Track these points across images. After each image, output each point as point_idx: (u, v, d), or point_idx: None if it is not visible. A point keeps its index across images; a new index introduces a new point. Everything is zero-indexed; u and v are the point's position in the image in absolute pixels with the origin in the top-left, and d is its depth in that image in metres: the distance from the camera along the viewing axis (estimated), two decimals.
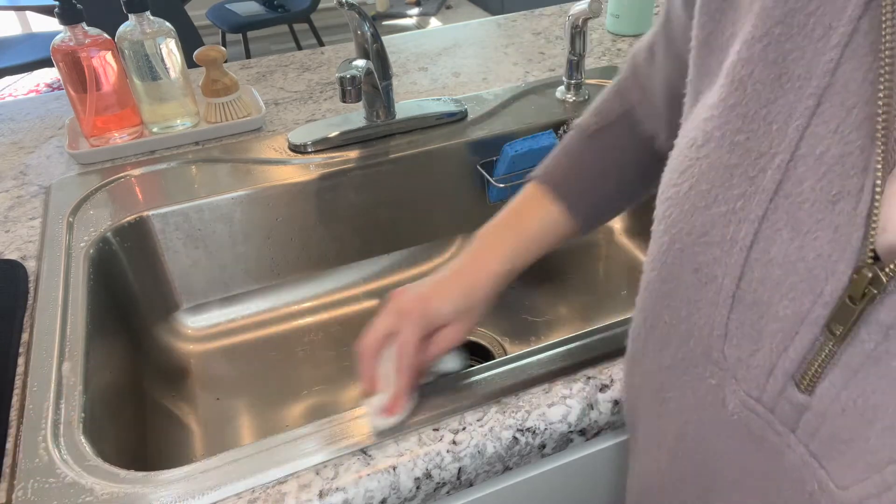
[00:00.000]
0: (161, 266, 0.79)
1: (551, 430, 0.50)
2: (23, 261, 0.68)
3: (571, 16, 0.85)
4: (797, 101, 0.27)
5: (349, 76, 0.71)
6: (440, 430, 0.49)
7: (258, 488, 0.46)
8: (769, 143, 0.28)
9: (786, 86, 0.28)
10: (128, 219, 0.75)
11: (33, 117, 0.98)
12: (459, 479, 0.49)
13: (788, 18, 0.28)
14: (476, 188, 0.91)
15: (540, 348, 0.56)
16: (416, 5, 4.11)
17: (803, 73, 0.27)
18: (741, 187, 0.30)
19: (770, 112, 0.28)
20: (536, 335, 0.85)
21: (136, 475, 0.47)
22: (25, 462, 0.48)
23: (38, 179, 0.83)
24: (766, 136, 0.29)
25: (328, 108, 0.95)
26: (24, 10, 3.04)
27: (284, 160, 0.84)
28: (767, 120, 0.29)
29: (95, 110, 0.82)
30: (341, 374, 0.80)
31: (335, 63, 1.10)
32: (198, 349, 0.82)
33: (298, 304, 0.87)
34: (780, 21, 0.28)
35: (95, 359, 0.60)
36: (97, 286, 0.68)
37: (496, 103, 0.94)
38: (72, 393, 0.54)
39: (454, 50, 1.13)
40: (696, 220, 0.32)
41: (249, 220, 0.81)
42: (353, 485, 0.46)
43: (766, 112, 0.29)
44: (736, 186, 0.30)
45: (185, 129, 0.87)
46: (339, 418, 0.51)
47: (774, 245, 0.28)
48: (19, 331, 0.60)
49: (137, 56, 0.80)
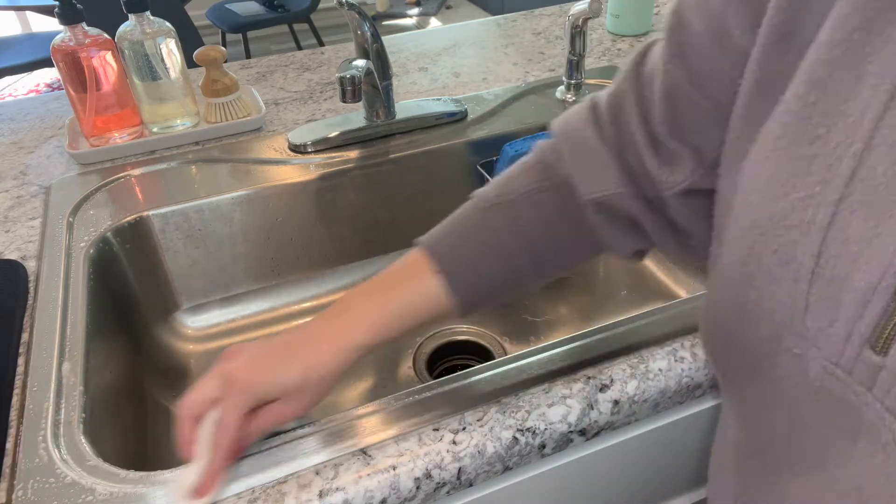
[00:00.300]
0: (161, 266, 0.79)
1: (551, 430, 0.50)
2: (23, 261, 0.68)
3: (571, 16, 0.85)
4: (873, 96, 0.30)
5: (349, 76, 0.71)
6: (440, 430, 0.49)
7: (258, 488, 0.46)
8: (846, 134, 0.31)
9: (863, 84, 0.31)
10: (128, 219, 0.75)
11: (33, 117, 0.98)
12: (459, 479, 0.49)
13: (867, 25, 0.31)
14: (476, 188, 0.91)
15: (540, 348, 0.56)
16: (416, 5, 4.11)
17: (879, 71, 0.30)
18: (819, 174, 0.32)
19: (848, 107, 0.31)
20: (536, 335, 0.85)
21: (136, 475, 0.47)
22: (25, 462, 0.48)
23: (38, 179, 0.83)
24: (843, 129, 0.32)
25: (328, 108, 0.95)
26: (24, 10, 3.04)
27: (284, 160, 0.84)
28: (846, 114, 0.31)
29: (95, 110, 0.82)
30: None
31: (335, 63, 1.10)
32: (198, 349, 0.82)
33: (298, 304, 0.87)
34: (859, 27, 0.31)
35: (95, 359, 0.60)
36: (97, 286, 0.68)
37: (496, 103, 0.94)
38: (72, 393, 0.54)
39: (454, 50, 1.13)
40: (775, 207, 0.35)
41: (249, 220, 0.81)
42: (353, 485, 0.46)
43: (844, 107, 0.32)
44: (814, 174, 0.32)
45: (185, 129, 0.87)
46: (339, 418, 0.51)
47: (850, 225, 0.31)
48: (19, 331, 0.60)
49: (137, 56, 0.80)
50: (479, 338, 0.85)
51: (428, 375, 0.81)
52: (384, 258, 0.90)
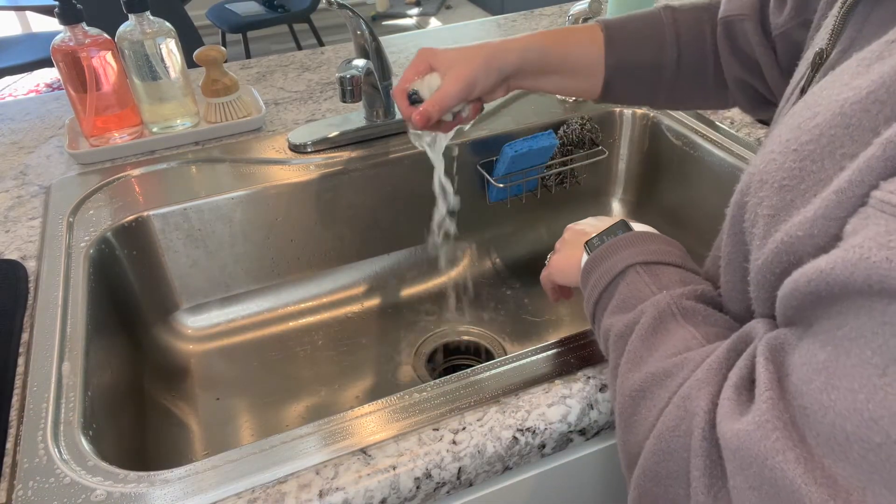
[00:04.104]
0: (161, 266, 0.79)
1: (551, 429, 0.50)
2: (23, 261, 0.68)
3: (571, 16, 0.85)
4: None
5: (349, 76, 0.71)
6: (440, 430, 0.49)
7: (258, 488, 0.46)
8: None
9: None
10: (128, 219, 0.75)
11: (33, 117, 0.98)
12: (459, 478, 0.49)
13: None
14: (476, 188, 0.91)
15: (540, 348, 0.56)
16: (416, 5, 4.11)
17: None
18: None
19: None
20: (536, 335, 0.85)
21: (136, 475, 0.47)
22: (25, 462, 0.48)
23: (38, 179, 0.83)
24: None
25: (328, 108, 0.95)
26: (24, 10, 3.04)
27: (284, 160, 0.84)
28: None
29: (95, 110, 0.82)
30: (341, 374, 0.80)
31: (335, 63, 1.10)
32: (198, 349, 0.82)
33: (298, 304, 0.87)
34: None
35: (95, 359, 0.60)
36: (97, 286, 0.68)
37: (496, 103, 0.94)
38: (71, 393, 0.54)
39: None
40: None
41: (249, 220, 0.81)
42: (352, 484, 0.46)
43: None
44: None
45: (185, 129, 0.87)
46: (339, 418, 0.51)
47: None
48: (19, 331, 0.60)
49: (137, 56, 0.80)
50: (479, 338, 0.85)
51: (428, 375, 0.81)
52: (384, 258, 0.90)
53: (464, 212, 0.92)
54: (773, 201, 0.33)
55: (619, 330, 0.44)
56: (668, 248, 0.47)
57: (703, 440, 0.33)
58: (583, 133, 0.90)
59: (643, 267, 0.46)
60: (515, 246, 0.97)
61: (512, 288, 0.92)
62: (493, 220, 0.95)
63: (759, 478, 0.30)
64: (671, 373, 0.38)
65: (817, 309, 0.30)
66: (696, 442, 0.34)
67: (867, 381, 0.27)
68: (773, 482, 0.29)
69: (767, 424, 0.30)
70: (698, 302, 0.42)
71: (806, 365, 0.30)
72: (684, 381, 0.36)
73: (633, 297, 0.44)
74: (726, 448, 0.32)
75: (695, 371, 0.36)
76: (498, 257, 0.95)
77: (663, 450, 0.36)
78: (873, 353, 0.27)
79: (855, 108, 0.30)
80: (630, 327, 0.43)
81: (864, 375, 0.27)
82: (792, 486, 0.28)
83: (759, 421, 0.30)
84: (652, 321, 0.42)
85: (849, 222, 0.29)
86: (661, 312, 0.42)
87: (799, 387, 0.30)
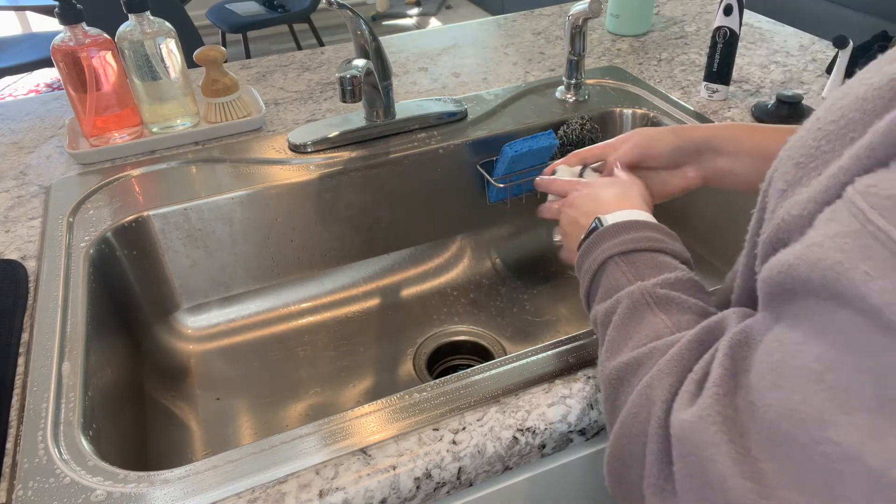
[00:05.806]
0: (161, 266, 0.79)
1: (551, 429, 0.50)
2: (23, 261, 0.68)
3: (571, 16, 0.85)
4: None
5: (349, 76, 0.71)
6: (440, 430, 0.49)
7: (258, 488, 0.46)
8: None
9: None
10: (128, 219, 0.75)
11: (33, 117, 0.99)
12: (459, 479, 0.49)
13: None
14: (476, 188, 0.91)
15: (540, 348, 0.56)
16: (416, 5, 4.11)
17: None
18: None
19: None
20: (536, 335, 0.85)
21: (136, 475, 0.47)
22: (25, 462, 0.48)
23: (38, 179, 0.83)
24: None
25: (328, 108, 0.95)
26: (24, 10, 3.04)
27: (284, 160, 0.84)
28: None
29: (95, 110, 0.82)
30: (341, 374, 0.80)
31: (335, 63, 1.10)
32: (198, 349, 0.82)
33: (298, 304, 0.87)
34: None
35: (95, 359, 0.60)
36: (97, 286, 0.68)
37: (496, 103, 0.94)
38: (71, 393, 0.54)
39: (454, 50, 1.13)
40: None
41: (249, 220, 0.81)
42: (352, 484, 0.46)
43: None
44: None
45: (185, 129, 0.87)
46: (339, 418, 0.51)
47: None
48: (19, 331, 0.60)
49: (137, 56, 0.80)
50: (479, 338, 0.85)
51: (428, 375, 0.81)
52: (384, 258, 0.90)
53: (464, 212, 0.92)
54: (787, 177, 0.33)
55: (601, 319, 0.47)
56: (646, 234, 0.49)
57: (659, 427, 0.35)
58: (583, 133, 0.90)
59: (621, 257, 0.48)
60: (515, 246, 0.97)
61: (512, 288, 0.92)
62: (493, 220, 0.95)
63: (695, 466, 0.32)
64: (641, 361, 0.40)
65: (784, 303, 0.31)
66: (652, 429, 0.36)
67: (805, 386, 0.28)
68: (705, 471, 0.31)
69: (708, 418, 0.32)
70: (672, 290, 0.44)
71: (763, 363, 0.31)
72: (650, 370, 0.39)
73: (612, 287, 0.47)
74: (673, 436, 0.34)
75: (659, 361, 0.38)
76: (498, 257, 0.95)
77: (626, 434, 0.39)
78: (815, 359, 0.28)
79: (875, 93, 0.29)
80: (609, 316, 0.46)
81: (805, 379, 0.28)
82: (720, 477, 0.30)
83: (701, 414, 0.32)
84: (626, 310, 0.44)
85: (824, 211, 0.29)
86: (636, 302, 0.44)
87: (754, 383, 0.31)
